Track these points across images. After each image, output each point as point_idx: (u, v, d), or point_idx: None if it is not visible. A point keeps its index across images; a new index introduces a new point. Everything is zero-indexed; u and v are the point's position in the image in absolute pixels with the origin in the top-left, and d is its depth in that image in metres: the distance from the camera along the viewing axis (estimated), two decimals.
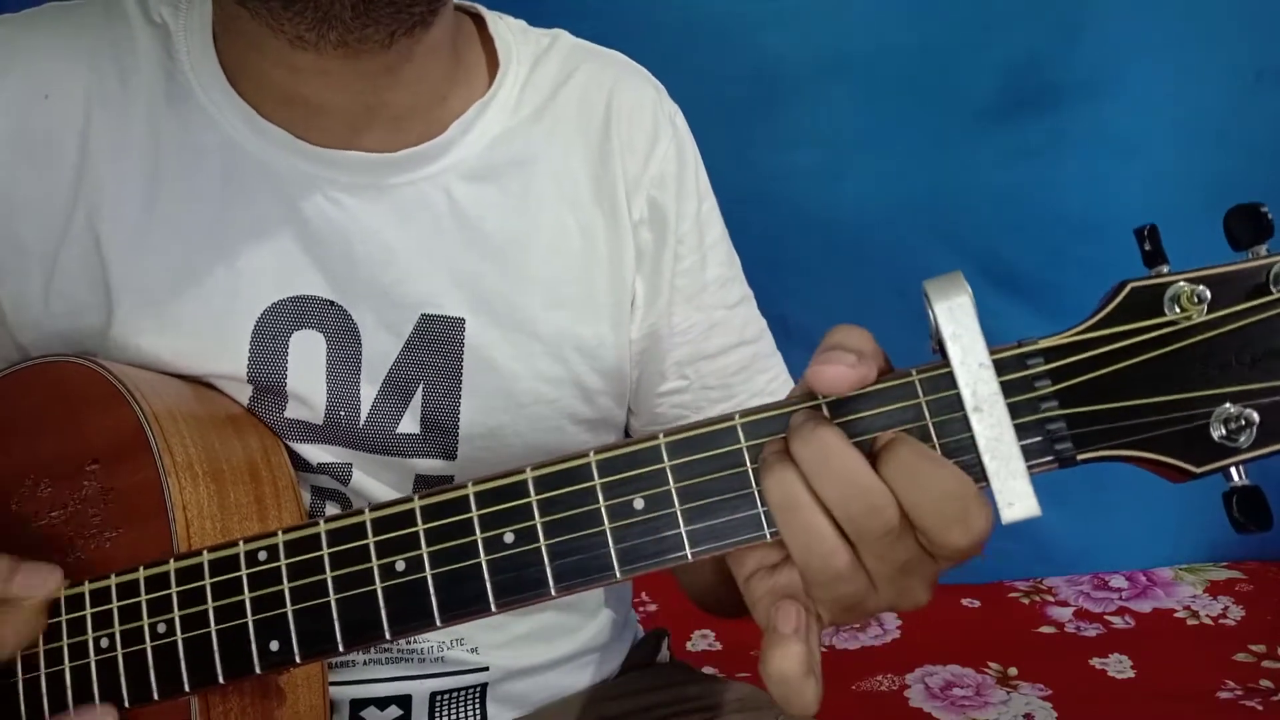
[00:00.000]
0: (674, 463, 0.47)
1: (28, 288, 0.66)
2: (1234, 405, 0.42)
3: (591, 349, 0.72)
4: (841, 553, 0.44)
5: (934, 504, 0.42)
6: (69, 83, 0.66)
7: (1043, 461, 0.44)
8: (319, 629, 0.51)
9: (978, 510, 0.42)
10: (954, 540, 0.42)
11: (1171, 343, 0.43)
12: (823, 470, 0.43)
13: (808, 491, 0.43)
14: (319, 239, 0.67)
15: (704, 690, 0.84)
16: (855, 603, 0.45)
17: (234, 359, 0.66)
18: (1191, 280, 0.43)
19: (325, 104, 0.66)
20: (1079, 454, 0.44)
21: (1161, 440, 0.43)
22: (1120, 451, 0.44)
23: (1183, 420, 0.43)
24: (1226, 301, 0.43)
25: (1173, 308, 0.43)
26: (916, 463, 0.43)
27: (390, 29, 0.61)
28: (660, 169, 0.74)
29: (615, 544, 0.47)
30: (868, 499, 0.43)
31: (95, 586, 0.56)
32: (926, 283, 0.44)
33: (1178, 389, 0.43)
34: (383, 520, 0.50)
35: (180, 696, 0.54)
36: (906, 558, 0.44)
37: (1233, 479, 0.44)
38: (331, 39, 0.60)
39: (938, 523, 0.42)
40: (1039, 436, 0.44)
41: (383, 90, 0.66)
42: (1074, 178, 1.71)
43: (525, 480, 0.49)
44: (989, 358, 0.44)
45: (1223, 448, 0.43)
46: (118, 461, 0.60)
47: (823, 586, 0.45)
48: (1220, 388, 0.43)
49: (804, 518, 0.44)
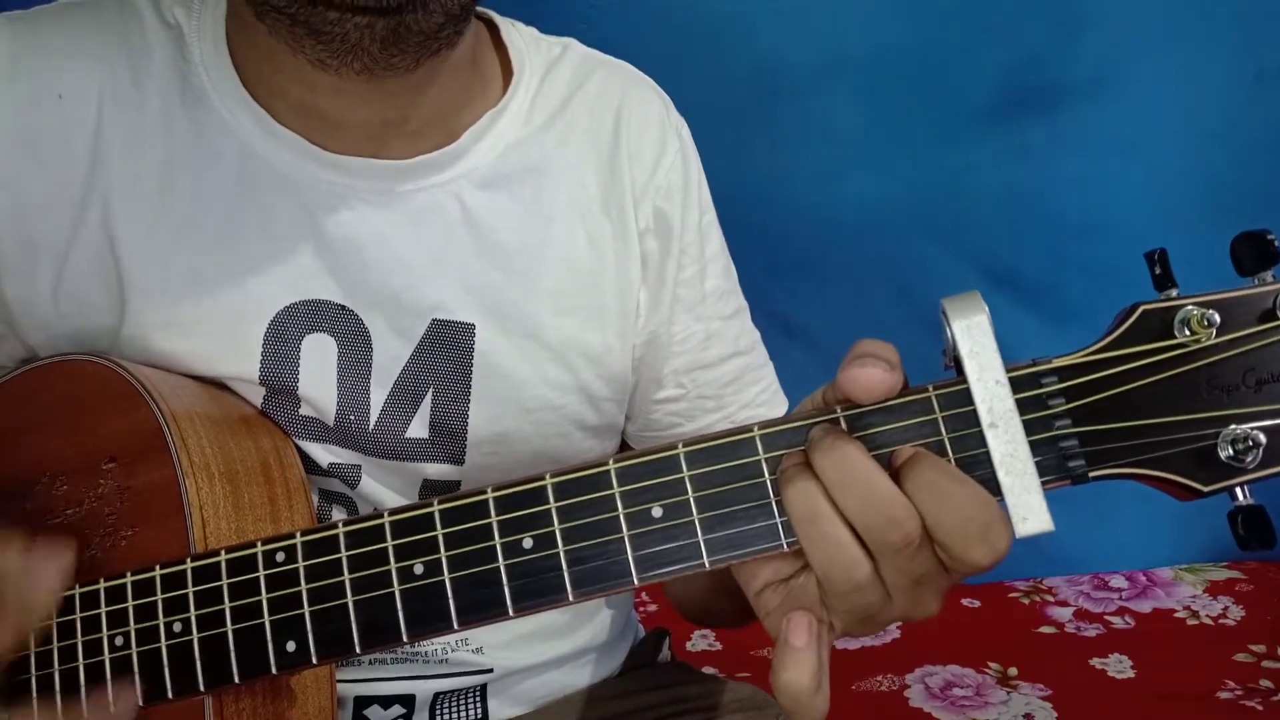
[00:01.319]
0: (693, 472, 0.48)
1: (37, 287, 0.66)
2: (1241, 426, 0.44)
3: (598, 356, 0.72)
4: (863, 564, 0.44)
5: (959, 523, 0.43)
6: (82, 82, 0.66)
7: (1056, 478, 0.45)
8: (336, 631, 0.51)
9: (1000, 529, 0.43)
10: (976, 558, 0.43)
11: (1181, 365, 0.44)
12: (844, 482, 0.44)
13: (829, 503, 0.44)
14: (331, 244, 0.67)
15: (704, 690, 0.85)
16: (871, 614, 0.46)
17: (246, 361, 0.66)
18: (1201, 304, 0.44)
19: (343, 119, 0.66)
20: (1090, 471, 0.45)
21: (1170, 459, 0.44)
22: (1130, 470, 0.45)
23: (1191, 440, 0.44)
24: (1235, 326, 0.44)
25: (1183, 331, 0.44)
26: (942, 481, 0.43)
27: (417, 56, 0.61)
28: (666, 179, 0.74)
29: (633, 551, 0.48)
30: (888, 511, 0.43)
31: (111, 584, 0.56)
32: (945, 301, 0.45)
33: (1187, 410, 0.44)
34: (401, 523, 0.51)
35: (195, 696, 0.54)
36: (924, 570, 0.44)
37: (1238, 498, 0.45)
38: (355, 67, 0.60)
39: (961, 541, 0.43)
40: (1052, 453, 0.45)
41: (403, 107, 0.66)
42: (1074, 178, 1.72)
43: (544, 486, 0.49)
44: (1005, 375, 0.45)
45: (1230, 468, 0.44)
46: (135, 460, 0.61)
47: (842, 597, 0.45)
48: (1228, 409, 0.44)
49: (826, 529, 0.44)
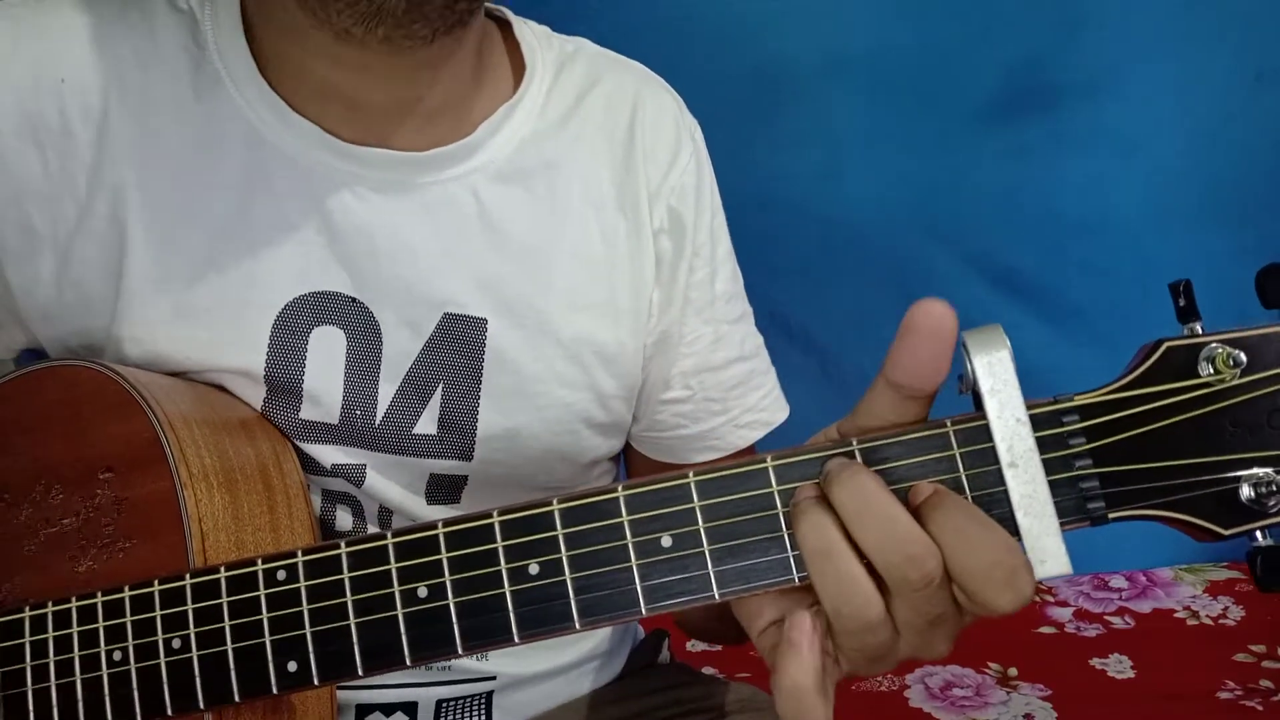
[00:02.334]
0: (704, 503, 0.47)
1: (39, 274, 0.65)
2: (1264, 470, 0.43)
3: (610, 354, 0.72)
4: (876, 604, 0.43)
5: (985, 568, 0.42)
6: (86, 68, 0.65)
7: (1075, 519, 0.44)
8: (338, 652, 0.50)
9: (1026, 577, 0.42)
10: (1001, 605, 0.42)
11: (1205, 405, 0.43)
12: (862, 516, 0.42)
13: (844, 538, 0.43)
14: (343, 235, 0.66)
15: (705, 691, 0.85)
16: (880, 654, 0.45)
17: (252, 353, 0.65)
18: (1226, 342, 0.43)
19: (361, 99, 0.65)
20: (1110, 513, 0.44)
21: (1191, 503, 0.43)
22: (1150, 511, 0.44)
23: (1214, 484, 0.43)
24: (1261, 365, 0.43)
25: (1207, 369, 0.43)
26: (968, 525, 0.42)
27: (436, 25, 0.60)
28: (681, 180, 0.74)
29: (642, 581, 0.47)
30: (909, 549, 0.42)
31: (108, 598, 0.55)
32: (966, 334, 0.44)
33: (1210, 451, 0.43)
34: (405, 545, 0.50)
35: (195, 714, 0.53)
36: (940, 611, 0.43)
37: (1257, 539, 0.44)
38: (379, 34, 0.59)
39: (987, 587, 0.42)
40: (1072, 494, 0.44)
41: (419, 86, 0.66)
42: (1074, 177, 1.72)
43: (552, 512, 0.48)
44: (1026, 414, 0.44)
45: (1251, 510, 0.43)
46: (132, 470, 0.60)
47: (852, 635, 0.44)
48: (1251, 452, 0.43)
49: (840, 565, 0.43)
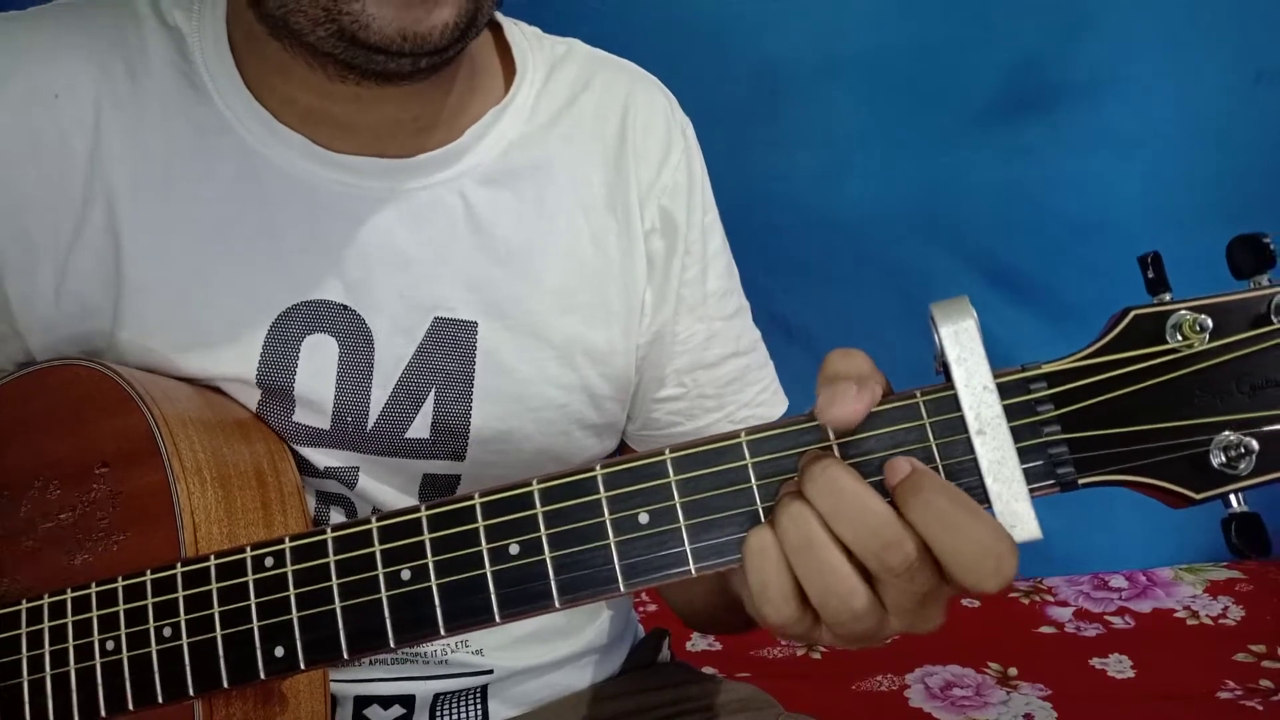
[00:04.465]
0: (679, 478, 0.47)
1: (38, 287, 0.66)
2: (1234, 433, 0.43)
3: (602, 355, 0.72)
4: (860, 592, 0.44)
5: (974, 556, 0.42)
6: (78, 83, 0.66)
7: (1044, 485, 0.44)
8: (324, 636, 0.51)
9: (1011, 559, 0.42)
10: (987, 587, 0.42)
11: (1173, 370, 0.44)
12: (837, 510, 0.43)
13: (824, 530, 0.44)
14: (334, 243, 0.67)
15: (704, 690, 0.85)
16: (872, 634, 0.46)
17: (245, 361, 0.66)
18: (1194, 309, 0.44)
19: (353, 122, 0.66)
20: (1080, 478, 0.44)
21: (1162, 466, 0.44)
22: (1120, 476, 0.44)
23: (1183, 447, 0.44)
24: (1228, 331, 0.43)
25: (1175, 336, 0.44)
26: (954, 512, 0.42)
27: (437, 67, 0.62)
28: (672, 179, 0.74)
29: (620, 558, 0.48)
30: (883, 536, 0.43)
31: (102, 589, 0.56)
32: (933, 306, 0.45)
33: (1179, 416, 0.44)
34: (389, 528, 0.51)
35: (184, 700, 0.54)
36: (926, 588, 0.44)
37: (1231, 505, 0.44)
38: (377, 80, 0.61)
39: (974, 572, 0.42)
40: (1041, 460, 0.44)
41: (412, 107, 0.67)
42: (1073, 177, 1.71)
43: (531, 492, 0.49)
44: (993, 381, 0.44)
45: (1222, 474, 0.43)
46: (127, 465, 0.60)
47: (841, 624, 0.45)
48: (1221, 415, 0.43)
49: (821, 557, 0.43)
